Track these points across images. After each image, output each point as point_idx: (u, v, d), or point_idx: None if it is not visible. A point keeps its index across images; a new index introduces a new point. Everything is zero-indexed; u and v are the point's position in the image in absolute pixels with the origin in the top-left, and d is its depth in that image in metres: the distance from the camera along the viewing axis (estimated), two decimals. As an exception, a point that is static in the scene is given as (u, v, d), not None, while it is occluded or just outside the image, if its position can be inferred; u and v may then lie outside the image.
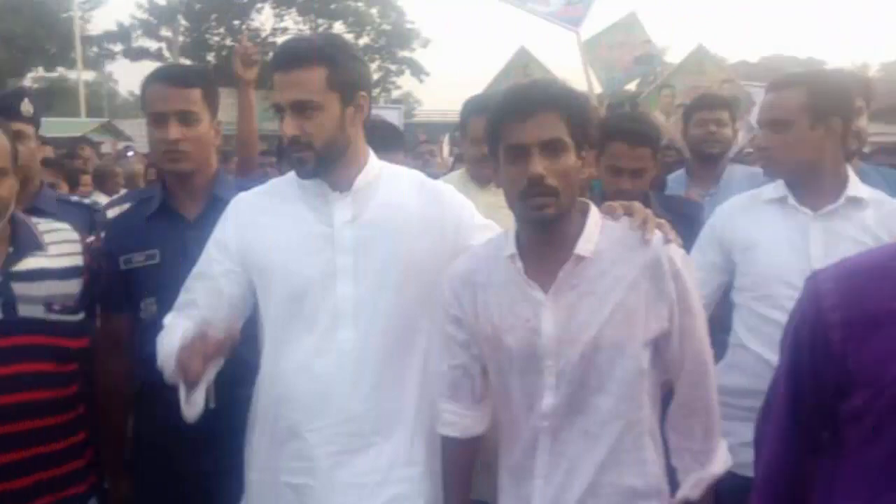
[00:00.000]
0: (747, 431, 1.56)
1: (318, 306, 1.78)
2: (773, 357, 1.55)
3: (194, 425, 1.72)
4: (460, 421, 1.77)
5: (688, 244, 1.88)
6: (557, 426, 1.62)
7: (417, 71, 32.35)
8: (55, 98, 28.28)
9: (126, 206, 2.25)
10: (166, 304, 1.93)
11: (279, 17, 31.35)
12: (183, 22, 30.62)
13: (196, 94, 2.12)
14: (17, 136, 2.02)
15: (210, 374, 1.70)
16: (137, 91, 3.08)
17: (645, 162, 2.49)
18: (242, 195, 1.94)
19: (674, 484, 1.68)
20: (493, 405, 1.78)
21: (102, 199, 4.32)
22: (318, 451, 1.78)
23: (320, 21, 30.70)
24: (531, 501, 1.66)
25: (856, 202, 2.18)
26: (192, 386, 1.68)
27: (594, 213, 1.66)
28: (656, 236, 1.60)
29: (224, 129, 2.28)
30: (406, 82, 33.56)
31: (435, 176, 2.40)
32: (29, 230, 1.97)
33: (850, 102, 2.28)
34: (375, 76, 27.83)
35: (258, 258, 1.84)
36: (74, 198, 2.92)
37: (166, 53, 30.33)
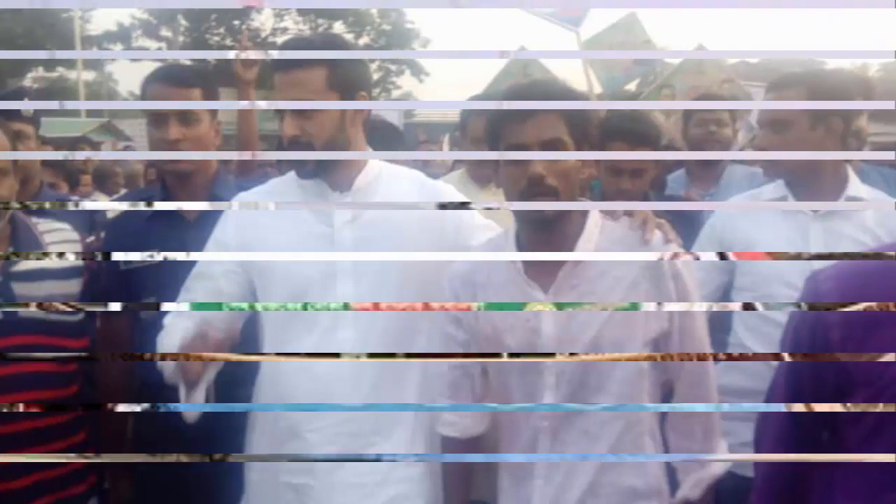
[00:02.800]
0: (747, 431, 1.56)
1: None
2: (773, 357, 1.55)
3: (194, 425, 1.72)
4: (460, 421, 1.77)
5: (688, 244, 1.88)
6: (557, 426, 1.62)
7: (417, 71, 32.36)
8: (55, 98, 28.23)
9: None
10: (166, 304, 1.93)
11: (279, 17, 31.39)
12: (183, 22, 30.60)
13: (196, 94, 2.12)
14: (17, 136, 2.02)
15: (210, 374, 1.70)
16: (137, 91, 3.06)
17: (645, 162, 2.49)
18: (242, 195, 1.93)
19: (674, 484, 1.68)
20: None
21: (102, 199, 4.32)
22: (318, 452, 1.78)
23: (320, 21, 30.68)
24: (531, 502, 1.66)
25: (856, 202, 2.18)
26: (192, 386, 1.68)
27: (594, 212, 1.66)
28: (656, 236, 1.60)
29: (224, 129, 2.27)
30: (406, 82, 33.59)
31: (435, 176, 2.40)
32: (29, 230, 1.97)
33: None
34: (375, 76, 27.77)
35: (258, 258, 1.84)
36: (74, 198, 2.92)
37: (166, 53, 30.40)
